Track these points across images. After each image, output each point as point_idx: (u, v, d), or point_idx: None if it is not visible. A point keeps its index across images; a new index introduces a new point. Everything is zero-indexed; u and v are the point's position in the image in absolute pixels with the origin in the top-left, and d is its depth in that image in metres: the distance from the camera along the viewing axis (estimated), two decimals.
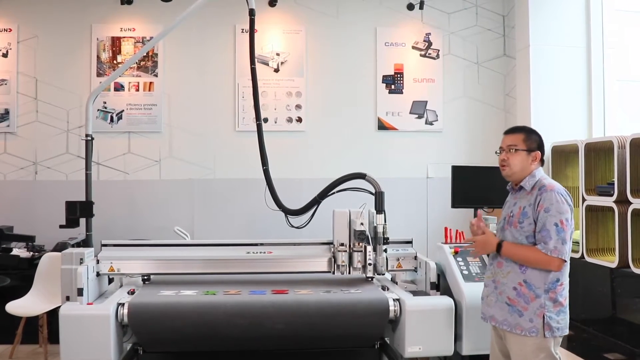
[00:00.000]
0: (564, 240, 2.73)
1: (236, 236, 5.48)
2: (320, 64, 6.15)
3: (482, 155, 6.20)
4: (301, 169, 6.04)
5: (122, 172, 5.92)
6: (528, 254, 2.79)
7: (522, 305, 2.80)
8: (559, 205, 2.75)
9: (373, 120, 6.20)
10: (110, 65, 5.90)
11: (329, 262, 3.82)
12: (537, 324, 2.77)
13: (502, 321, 2.87)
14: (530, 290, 2.79)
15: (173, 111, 6.00)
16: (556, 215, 2.73)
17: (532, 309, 2.78)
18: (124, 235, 5.41)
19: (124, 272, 3.79)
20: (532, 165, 2.93)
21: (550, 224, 2.73)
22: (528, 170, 2.93)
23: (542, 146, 2.98)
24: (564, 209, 2.75)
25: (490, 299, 2.94)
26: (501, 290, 2.88)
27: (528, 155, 2.94)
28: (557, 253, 2.73)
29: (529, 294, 2.79)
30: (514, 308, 2.82)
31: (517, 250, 2.83)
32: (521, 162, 2.94)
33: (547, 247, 2.73)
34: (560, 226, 2.72)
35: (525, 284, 2.80)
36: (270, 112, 6.05)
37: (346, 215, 3.79)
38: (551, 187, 2.80)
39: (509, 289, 2.85)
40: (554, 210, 2.74)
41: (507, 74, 6.33)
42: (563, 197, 2.78)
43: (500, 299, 2.88)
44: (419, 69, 6.24)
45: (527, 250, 2.80)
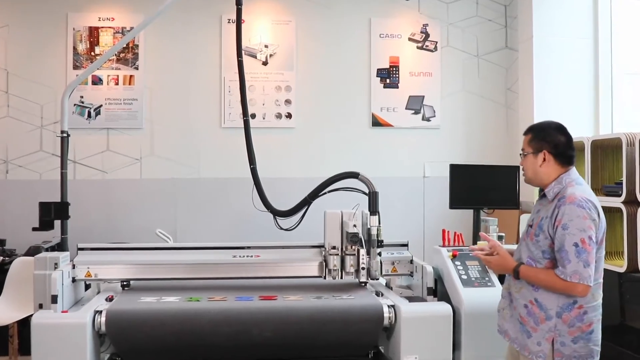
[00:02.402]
0: (586, 262, 2.54)
1: (222, 239, 5.45)
2: (311, 57, 6.15)
3: (481, 153, 6.21)
4: (291, 168, 6.04)
5: (100, 171, 5.90)
6: (545, 279, 2.65)
7: (531, 325, 2.71)
8: (579, 221, 2.56)
9: (367, 117, 6.20)
10: (87, 57, 5.87)
11: (319, 267, 3.81)
12: (545, 349, 2.66)
13: (514, 339, 2.81)
14: (541, 310, 2.68)
15: (155, 106, 5.98)
16: (576, 234, 2.54)
17: (542, 331, 2.67)
18: (102, 239, 5.38)
19: (101, 278, 3.76)
20: (544, 167, 2.76)
21: (569, 243, 2.55)
22: (547, 174, 2.76)
23: (555, 143, 2.76)
24: (585, 225, 2.55)
25: (505, 313, 2.88)
26: (515, 306, 2.80)
27: (535, 158, 2.79)
28: (578, 278, 2.55)
29: (539, 315, 2.68)
30: (524, 327, 2.74)
31: (534, 275, 2.70)
32: (531, 166, 2.81)
33: (565, 272, 2.57)
34: (582, 246, 2.54)
35: (537, 303, 2.69)
36: (258, 108, 6.04)
37: (338, 217, 3.77)
38: (572, 199, 2.59)
39: (520, 305, 2.76)
40: (573, 227, 2.56)
41: (509, 67, 6.35)
42: (586, 210, 2.58)
43: (514, 315, 2.81)
44: (415, 62, 6.25)
45: (544, 275, 2.66)
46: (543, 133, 2.80)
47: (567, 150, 2.77)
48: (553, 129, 2.80)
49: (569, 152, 2.77)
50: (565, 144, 2.77)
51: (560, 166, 2.76)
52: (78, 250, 3.82)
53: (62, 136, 4.50)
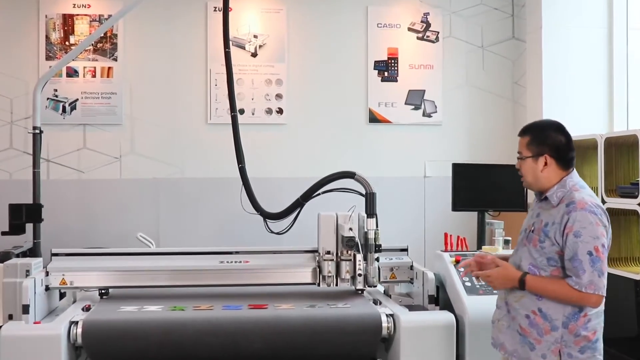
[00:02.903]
0: (601, 271, 2.57)
1: (208, 244, 5.45)
2: (303, 48, 6.15)
3: (486, 151, 6.23)
4: (282, 167, 6.03)
5: (76, 170, 5.87)
6: (557, 291, 2.64)
7: (534, 337, 2.71)
8: (592, 228, 2.57)
9: (364, 112, 6.20)
10: (61, 47, 5.85)
11: (313, 273, 3.81)
12: None
13: (512, 352, 2.79)
14: (546, 321, 2.68)
15: (135, 101, 5.96)
16: (589, 242, 2.56)
17: (547, 343, 2.67)
18: (79, 243, 5.35)
19: (77, 286, 3.75)
20: (545, 171, 2.75)
21: (582, 252, 2.57)
22: (548, 178, 2.76)
23: (557, 146, 2.76)
24: (599, 232, 2.58)
25: (501, 324, 2.87)
26: (514, 316, 2.79)
27: (535, 162, 2.77)
28: (594, 289, 2.57)
29: (544, 326, 2.68)
30: (526, 339, 2.73)
31: (544, 285, 2.68)
32: (531, 171, 2.80)
33: (580, 282, 2.58)
34: (596, 254, 2.56)
35: (540, 313, 2.69)
36: (247, 103, 6.03)
37: (333, 220, 3.78)
38: (582, 205, 2.61)
39: (521, 316, 2.75)
40: (587, 235, 2.57)
41: (516, 60, 6.37)
42: (597, 216, 2.60)
43: (512, 326, 2.80)
44: (415, 53, 6.25)
45: (555, 285, 2.65)
46: (543, 135, 2.78)
47: (569, 153, 2.78)
48: (553, 130, 2.80)
49: (570, 155, 2.78)
50: (565, 145, 2.77)
51: (562, 169, 2.76)
52: (52, 256, 3.81)
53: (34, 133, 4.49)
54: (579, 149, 5.65)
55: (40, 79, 4.58)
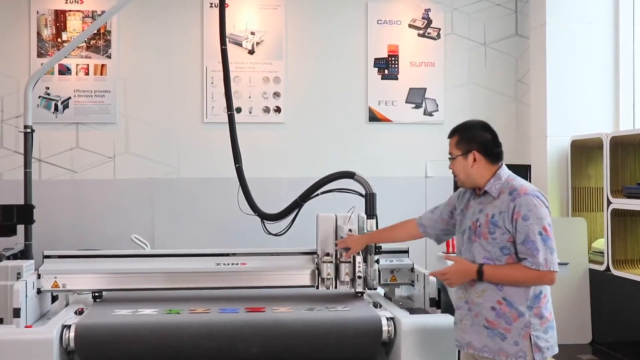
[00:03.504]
0: (552, 248, 2.77)
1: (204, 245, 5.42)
2: (302, 45, 6.15)
3: None
4: (280, 167, 6.04)
5: (69, 170, 5.87)
6: (516, 274, 2.80)
7: (503, 327, 2.81)
8: (538, 210, 2.77)
9: (363, 111, 6.20)
10: (53, 44, 5.84)
11: (312, 275, 3.81)
12: (524, 347, 2.78)
13: (482, 348, 2.86)
14: (512, 308, 2.80)
15: (130, 99, 5.96)
16: (538, 223, 2.76)
17: (516, 329, 2.79)
18: (71, 245, 5.34)
19: (70, 289, 3.74)
20: (475, 167, 2.95)
21: (533, 233, 2.75)
22: (479, 174, 2.95)
23: (483, 142, 2.96)
24: (543, 213, 2.78)
25: (464, 324, 2.94)
26: (477, 312, 2.88)
27: (465, 159, 2.97)
28: (549, 265, 2.75)
29: (511, 313, 2.80)
30: (495, 331, 2.83)
31: (502, 272, 2.83)
32: (462, 169, 2.99)
33: (536, 262, 2.74)
34: (545, 234, 2.75)
35: (505, 301, 2.81)
36: (244, 101, 6.03)
37: (332, 221, 3.78)
38: (524, 190, 2.82)
39: (486, 309, 2.85)
40: (534, 217, 2.76)
41: (520, 57, 6.37)
42: (540, 199, 2.81)
43: (476, 322, 2.89)
44: (416, 51, 6.26)
45: (513, 270, 2.81)
46: (470, 133, 3.00)
47: (495, 148, 2.97)
48: (479, 128, 3.02)
49: (497, 149, 2.98)
50: (492, 141, 2.98)
51: (491, 164, 2.95)
52: (44, 258, 3.80)
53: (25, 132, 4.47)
54: (584, 148, 5.70)
55: (31, 77, 4.57)
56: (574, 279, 5.50)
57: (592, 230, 5.71)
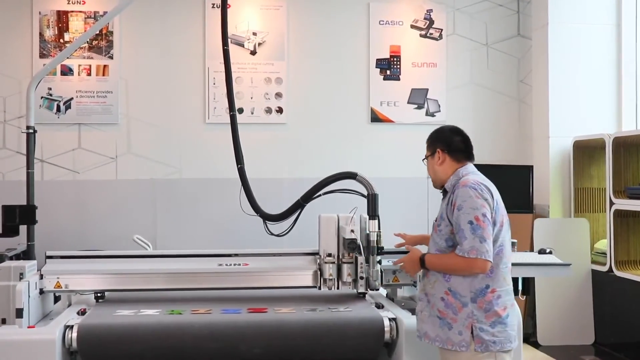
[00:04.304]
0: (482, 237, 2.83)
1: (206, 246, 5.44)
2: (304, 46, 6.15)
3: (492, 151, 6.22)
4: (282, 168, 6.04)
5: (71, 170, 5.88)
6: (448, 262, 2.93)
7: (451, 316, 2.92)
8: (472, 200, 2.87)
9: (365, 111, 6.21)
10: (55, 44, 5.85)
11: (314, 276, 3.81)
12: (466, 337, 2.88)
13: (435, 337, 2.98)
14: (456, 299, 2.92)
15: (132, 99, 5.97)
16: (470, 212, 2.86)
17: (461, 319, 2.90)
18: (74, 246, 5.36)
19: (73, 289, 3.74)
20: (441, 165, 3.09)
21: (464, 222, 2.86)
22: (444, 172, 3.10)
23: (448, 142, 3.09)
24: (478, 203, 2.87)
25: (424, 314, 3.05)
26: (433, 303, 3.00)
27: (433, 159, 3.14)
28: (476, 253, 2.82)
29: (456, 304, 2.92)
30: (444, 321, 2.94)
31: (438, 260, 2.99)
32: (431, 168, 3.17)
33: (462, 249, 2.85)
34: (476, 223, 2.84)
35: (451, 292, 2.93)
36: (246, 102, 6.04)
37: (334, 221, 3.78)
38: (465, 183, 2.93)
39: (437, 300, 2.97)
40: (467, 206, 2.87)
41: (522, 57, 6.37)
42: (477, 191, 2.90)
43: (432, 313, 3.00)
44: (418, 51, 6.26)
45: (446, 257, 2.95)
46: (436, 134, 3.18)
47: (462, 147, 3.10)
48: (447, 131, 3.19)
49: (464, 149, 3.11)
50: (459, 142, 3.11)
51: (456, 162, 3.09)
52: (46, 258, 3.80)
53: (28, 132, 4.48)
54: (587, 149, 5.71)
55: (34, 77, 4.58)
56: (577, 280, 5.50)
57: (594, 231, 5.71)
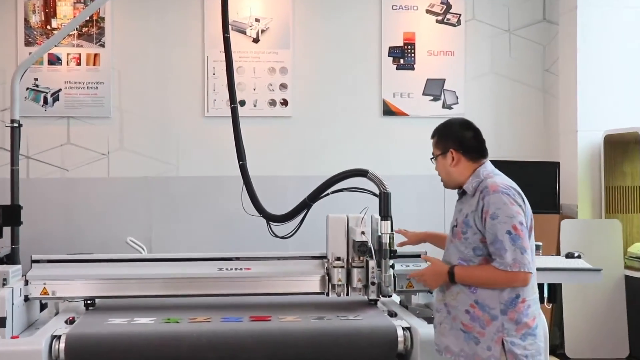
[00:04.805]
0: (523, 248, 2.82)
1: (205, 249, 5.44)
2: (310, 33, 6.15)
3: (514, 147, 6.20)
4: (287, 165, 6.05)
5: (59, 168, 5.89)
6: (483, 275, 2.90)
7: (477, 330, 2.90)
8: (507, 208, 2.84)
9: (377, 104, 6.20)
10: (42, 31, 5.86)
11: (321, 281, 3.79)
12: (496, 352, 2.85)
13: (459, 352, 2.95)
14: (484, 312, 2.89)
15: (125, 91, 5.97)
16: (507, 222, 2.83)
17: (489, 334, 2.87)
18: (62, 249, 5.36)
19: (60, 296, 3.73)
20: (456, 167, 3.06)
21: (501, 233, 2.83)
22: (460, 173, 3.07)
23: (460, 139, 3.06)
24: (514, 211, 2.85)
25: (444, 327, 3.03)
26: (455, 315, 2.97)
27: (444, 159, 3.11)
28: (519, 266, 2.81)
29: (484, 317, 2.89)
30: (470, 335, 2.92)
31: (470, 273, 2.94)
32: (443, 168, 3.14)
33: (504, 262, 2.82)
34: (515, 233, 2.82)
35: (478, 305, 2.90)
36: (249, 93, 6.03)
37: (343, 222, 3.77)
38: (494, 188, 2.90)
39: (461, 312, 2.95)
40: (503, 215, 2.84)
41: (548, 44, 6.34)
42: (511, 197, 2.88)
43: (454, 326, 2.98)
44: (434, 38, 6.25)
45: (482, 271, 2.91)
46: (446, 131, 3.15)
47: (475, 144, 3.08)
48: (457, 126, 3.15)
49: (478, 146, 3.08)
50: (471, 138, 3.09)
51: (472, 162, 3.06)
52: (32, 262, 3.79)
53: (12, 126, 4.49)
54: (619, 143, 5.67)
55: (18, 67, 4.59)
56: (608, 287, 5.46)
57: (627, 233, 5.68)
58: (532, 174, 5.15)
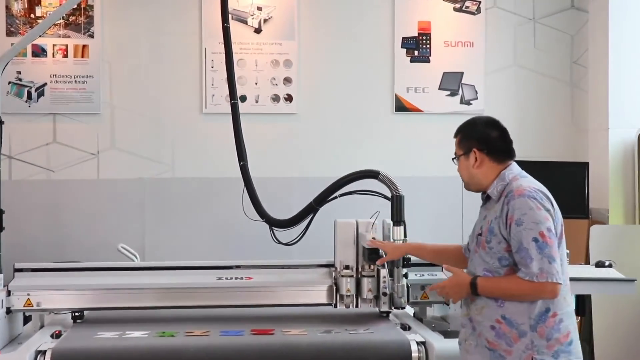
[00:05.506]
0: (551, 257, 2.79)
1: (203, 256, 5.44)
2: (317, 23, 6.16)
3: (539, 145, 6.19)
4: (292, 165, 6.06)
5: (44, 169, 5.91)
6: (509, 286, 2.87)
7: (504, 348, 2.87)
8: (533, 213, 2.82)
9: (389, 99, 6.21)
10: (25, 20, 5.88)
11: (328, 292, 3.81)
12: None
13: None
14: (512, 327, 2.86)
15: (116, 86, 6.00)
16: (533, 228, 2.80)
17: (517, 352, 2.84)
18: (47, 256, 5.37)
19: (46, 308, 3.75)
20: (479, 168, 3.05)
21: (527, 240, 2.80)
22: (484, 175, 3.05)
23: (485, 138, 3.06)
24: (541, 216, 2.82)
25: (469, 344, 3.01)
26: (480, 332, 2.96)
27: (467, 159, 3.09)
28: (546, 276, 2.78)
29: (511, 334, 2.86)
30: (496, 353, 2.89)
31: (495, 285, 2.92)
32: (465, 169, 3.12)
33: (529, 272, 2.79)
34: (542, 240, 2.79)
35: (505, 320, 2.88)
36: (250, 88, 6.05)
37: (352, 228, 3.79)
38: (520, 192, 2.88)
39: (486, 329, 2.93)
40: (529, 221, 2.81)
41: (576, 34, 6.34)
42: (538, 201, 2.85)
43: (480, 343, 2.95)
44: (452, 28, 6.26)
45: (505, 282, 2.89)
46: (471, 130, 3.13)
47: (501, 145, 3.07)
48: (481, 124, 3.15)
49: (504, 146, 3.08)
50: (497, 138, 3.08)
51: (497, 163, 3.05)
52: (15, 271, 3.82)
53: None
54: None
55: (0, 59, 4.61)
56: None
57: None
58: (558, 176, 5.15)
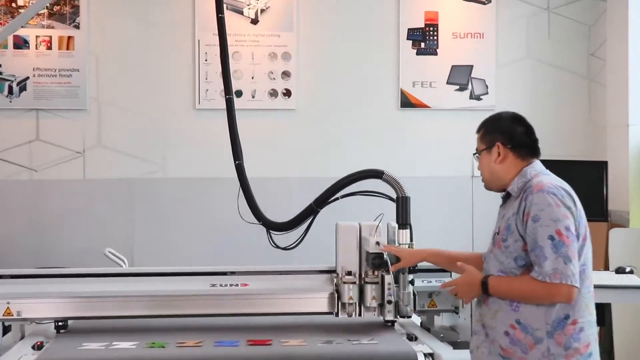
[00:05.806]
0: (567, 257, 2.76)
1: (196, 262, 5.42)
2: (317, 13, 6.15)
3: (554, 143, 6.15)
4: (290, 164, 6.06)
5: (26, 168, 5.90)
6: (520, 287, 2.86)
7: (519, 355, 2.85)
8: (551, 209, 2.79)
9: (394, 95, 6.20)
10: (6, 9, 5.87)
11: (330, 299, 3.79)
12: None
13: None
14: (527, 334, 2.83)
15: (103, 80, 5.98)
16: (550, 225, 2.78)
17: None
18: (28, 261, 5.40)
19: (27, 317, 3.73)
20: (501, 163, 3.05)
21: (542, 238, 2.78)
22: (505, 171, 3.06)
23: (510, 133, 3.06)
24: (560, 213, 2.79)
25: (481, 352, 2.99)
26: (493, 338, 2.93)
27: (489, 154, 3.09)
28: (560, 277, 2.75)
29: (526, 340, 2.83)
30: None
31: (507, 284, 2.91)
32: (486, 165, 3.12)
33: (542, 272, 2.77)
34: (559, 239, 2.76)
35: (520, 325, 2.85)
36: (246, 82, 6.04)
37: (355, 231, 3.76)
38: (539, 187, 2.86)
39: (500, 335, 2.90)
40: (546, 218, 2.79)
41: (594, 24, 6.32)
42: (557, 197, 2.82)
43: (493, 350, 2.93)
44: (460, 19, 6.25)
45: (518, 281, 2.88)
46: (495, 124, 3.13)
47: (526, 141, 3.07)
48: (507, 119, 3.14)
49: (529, 143, 3.07)
50: (522, 133, 3.08)
51: (520, 160, 3.05)
52: None
53: None
54: None
55: None
56: None
57: None
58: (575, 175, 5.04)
